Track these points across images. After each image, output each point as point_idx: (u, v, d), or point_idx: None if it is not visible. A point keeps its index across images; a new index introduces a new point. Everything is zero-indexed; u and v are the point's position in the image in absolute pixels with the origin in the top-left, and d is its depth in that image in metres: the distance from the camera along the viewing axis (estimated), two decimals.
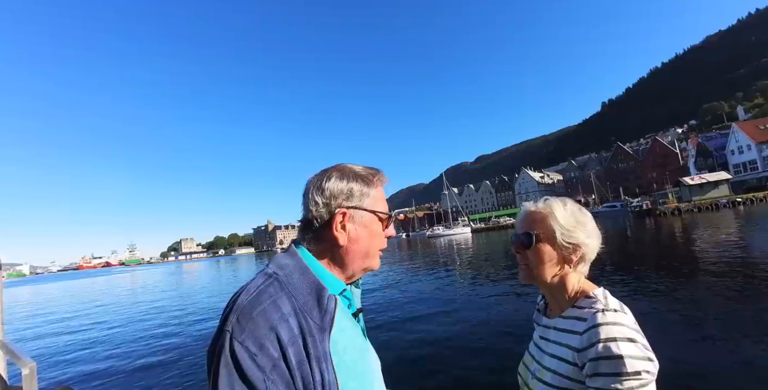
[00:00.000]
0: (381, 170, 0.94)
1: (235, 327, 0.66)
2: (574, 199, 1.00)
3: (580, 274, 1.03)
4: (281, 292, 0.72)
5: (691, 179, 50.83)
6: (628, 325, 0.86)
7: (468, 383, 4.70)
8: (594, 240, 1.02)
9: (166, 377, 6.20)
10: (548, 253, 1.01)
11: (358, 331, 0.84)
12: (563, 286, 1.03)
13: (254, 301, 0.69)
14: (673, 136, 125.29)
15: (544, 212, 1.04)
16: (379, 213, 0.89)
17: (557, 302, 1.05)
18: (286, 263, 0.80)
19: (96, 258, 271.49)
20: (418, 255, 29.08)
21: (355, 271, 0.88)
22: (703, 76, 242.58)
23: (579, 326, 0.93)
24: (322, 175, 0.88)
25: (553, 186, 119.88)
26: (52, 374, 7.07)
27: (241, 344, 0.64)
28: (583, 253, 1.01)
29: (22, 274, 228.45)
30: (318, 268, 0.83)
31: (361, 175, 0.89)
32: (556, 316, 1.03)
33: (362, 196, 0.88)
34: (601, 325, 0.86)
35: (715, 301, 7.00)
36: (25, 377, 1.00)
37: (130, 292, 26.03)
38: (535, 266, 1.03)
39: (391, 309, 9.47)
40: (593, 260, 1.05)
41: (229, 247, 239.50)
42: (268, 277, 0.76)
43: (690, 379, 3.95)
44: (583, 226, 1.02)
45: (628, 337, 0.83)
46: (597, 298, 0.95)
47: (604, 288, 1.00)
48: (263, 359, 0.64)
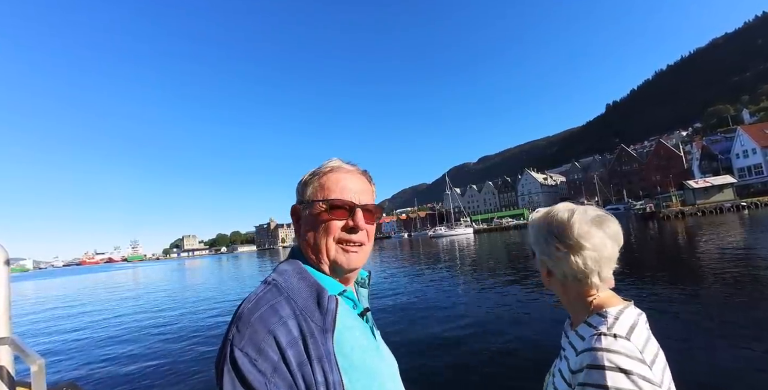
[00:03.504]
0: (339, 159, 0.92)
1: (235, 335, 0.67)
2: (576, 200, 0.98)
3: (596, 287, 0.95)
4: (279, 297, 0.72)
5: (696, 182, 50.56)
6: (627, 354, 0.80)
7: (476, 384, 4.70)
8: (585, 251, 0.92)
9: (173, 373, 6.22)
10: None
11: (365, 331, 0.83)
12: (573, 298, 0.99)
13: (253, 308, 0.70)
14: (678, 138, 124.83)
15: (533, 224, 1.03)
16: (322, 200, 0.84)
17: (573, 314, 1.02)
18: (285, 269, 0.80)
19: (99, 254, 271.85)
20: (420, 255, 29.10)
21: (329, 269, 0.84)
22: (709, 78, 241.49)
23: (579, 345, 0.90)
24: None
25: (556, 187, 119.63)
26: (58, 370, 7.12)
27: (241, 351, 0.65)
28: (580, 267, 0.93)
29: (26, 268, 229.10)
30: (314, 270, 0.83)
31: (317, 168, 0.88)
32: (575, 329, 0.99)
33: (306, 186, 0.87)
34: (594, 351, 0.83)
35: (719, 305, 6.97)
36: (34, 374, 1.01)
37: (133, 288, 26.11)
38: (543, 278, 1.02)
39: (394, 307, 9.49)
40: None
41: (231, 245, 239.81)
42: (267, 285, 0.76)
43: (695, 387, 3.93)
44: (563, 238, 0.95)
45: (621, 367, 0.78)
46: (606, 318, 0.89)
47: (633, 305, 0.94)
48: (264, 364, 0.64)
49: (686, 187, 50.16)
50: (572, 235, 0.93)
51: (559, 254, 0.96)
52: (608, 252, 0.92)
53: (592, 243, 0.92)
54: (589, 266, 0.92)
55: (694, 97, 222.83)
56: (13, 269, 11.83)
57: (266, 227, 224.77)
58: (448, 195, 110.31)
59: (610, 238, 0.93)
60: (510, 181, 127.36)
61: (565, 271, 0.96)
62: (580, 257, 0.93)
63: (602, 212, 0.98)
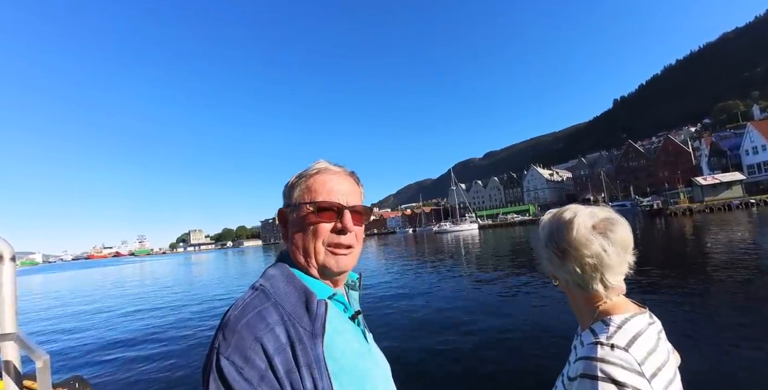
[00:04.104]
0: (324, 160, 0.91)
1: (221, 343, 0.66)
2: (582, 197, 1.01)
3: (601, 294, 0.91)
4: (267, 303, 0.71)
5: (704, 179, 50.06)
6: (623, 366, 0.78)
7: (476, 383, 4.69)
8: (584, 259, 0.89)
9: (178, 367, 6.26)
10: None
11: (357, 335, 0.82)
12: (579, 304, 0.97)
13: (239, 315, 0.69)
14: (686, 134, 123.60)
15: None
16: (309, 203, 0.83)
17: (580, 320, 0.99)
18: (273, 274, 0.79)
19: (106, 248, 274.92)
20: (425, 251, 29.09)
21: (318, 273, 0.84)
22: (718, 73, 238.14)
23: (579, 352, 0.88)
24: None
25: (562, 183, 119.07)
26: (64, 363, 7.21)
27: (227, 359, 0.64)
28: (578, 274, 0.91)
29: (35, 262, 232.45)
30: (302, 273, 0.82)
31: (303, 171, 0.88)
32: (580, 334, 0.97)
33: (293, 189, 0.86)
34: (589, 360, 0.81)
35: (727, 304, 6.92)
36: (39, 370, 1.02)
37: (140, 282, 26.37)
38: (554, 281, 1.01)
39: (397, 305, 9.51)
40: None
41: (237, 239, 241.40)
42: (254, 290, 0.75)
43: (704, 386, 3.90)
44: (561, 243, 0.93)
45: (615, 378, 0.76)
46: (609, 326, 0.86)
47: (646, 312, 0.91)
48: (250, 372, 0.63)
49: (694, 183, 49.66)
50: (569, 242, 0.91)
51: (557, 260, 0.94)
52: (610, 259, 0.88)
53: (591, 250, 0.88)
54: (588, 273, 0.89)
55: (704, 93, 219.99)
56: (22, 263, 12.04)
57: (272, 222, 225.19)
58: (453, 190, 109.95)
59: (613, 244, 0.89)
60: (515, 177, 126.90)
61: (565, 277, 0.95)
62: (577, 264, 0.90)
63: (612, 215, 0.94)
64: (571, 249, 0.90)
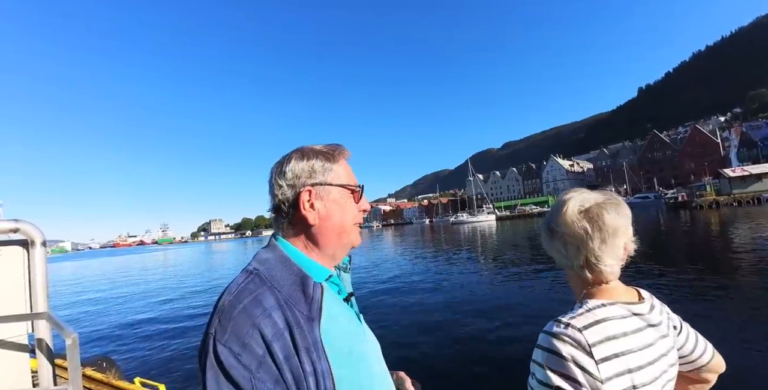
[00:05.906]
0: (342, 145, 0.92)
1: (217, 329, 0.65)
2: (604, 188, 0.98)
3: (587, 278, 0.92)
4: (263, 287, 0.70)
5: (732, 171, 48.39)
6: (571, 343, 0.80)
7: (481, 371, 4.73)
8: (566, 238, 0.91)
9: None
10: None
11: (351, 317, 0.83)
12: (572, 285, 0.99)
13: (234, 300, 0.68)
14: (715, 124, 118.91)
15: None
16: (348, 186, 0.86)
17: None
18: (266, 258, 0.78)
19: (131, 236, 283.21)
20: (441, 242, 29.09)
21: (335, 251, 0.85)
22: (751, 60, 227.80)
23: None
24: (282, 159, 0.87)
25: (583, 175, 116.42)
26: (93, 345, 7.56)
27: (224, 345, 0.63)
28: (562, 254, 0.94)
29: (65, 250, 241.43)
30: (299, 256, 0.81)
31: (322, 151, 0.87)
32: None
33: (325, 171, 0.85)
34: (544, 333, 0.85)
35: (753, 301, 6.74)
36: (69, 347, 1.06)
37: (165, 269, 27.24)
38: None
39: (412, 294, 9.60)
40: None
41: (256, 229, 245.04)
42: (248, 274, 0.74)
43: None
44: (550, 223, 0.96)
45: (559, 352, 0.79)
46: (581, 308, 0.88)
47: (635, 304, 0.89)
48: (248, 358, 0.63)
49: (722, 175, 48.11)
50: (557, 222, 0.93)
51: (548, 238, 0.98)
52: (593, 243, 0.88)
53: (572, 232, 0.90)
54: (572, 254, 0.91)
55: (735, 80, 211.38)
56: (53, 250, 12.66)
57: None
58: (471, 181, 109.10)
59: (599, 228, 0.88)
60: (534, 168, 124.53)
61: (555, 256, 0.97)
62: (561, 244, 0.93)
63: (610, 199, 0.93)
64: (558, 229, 0.92)
